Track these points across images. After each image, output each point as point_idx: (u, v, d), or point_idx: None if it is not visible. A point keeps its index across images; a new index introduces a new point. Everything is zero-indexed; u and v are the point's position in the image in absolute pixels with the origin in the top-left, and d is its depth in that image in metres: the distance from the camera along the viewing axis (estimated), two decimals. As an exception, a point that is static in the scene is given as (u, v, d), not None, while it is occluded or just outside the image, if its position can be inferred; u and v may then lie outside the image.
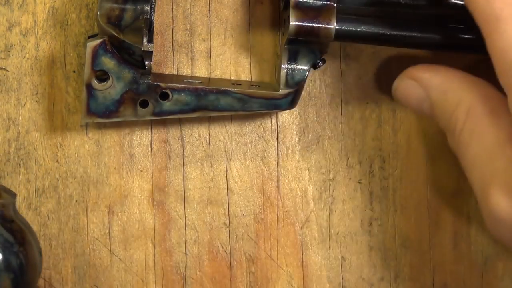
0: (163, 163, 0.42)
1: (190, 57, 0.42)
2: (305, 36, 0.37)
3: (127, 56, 0.37)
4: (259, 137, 0.42)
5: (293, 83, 0.39)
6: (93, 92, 0.37)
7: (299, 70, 0.39)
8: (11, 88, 0.41)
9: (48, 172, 0.41)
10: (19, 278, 0.36)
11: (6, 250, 0.36)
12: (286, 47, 0.38)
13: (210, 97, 0.38)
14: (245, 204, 0.42)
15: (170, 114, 0.38)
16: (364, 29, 0.37)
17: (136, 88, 0.37)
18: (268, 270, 0.42)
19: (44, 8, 0.41)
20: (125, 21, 0.36)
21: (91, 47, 0.37)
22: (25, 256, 0.37)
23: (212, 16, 0.42)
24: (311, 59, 0.39)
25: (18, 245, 0.36)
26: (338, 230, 0.42)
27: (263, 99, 0.39)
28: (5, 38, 0.41)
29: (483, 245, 0.43)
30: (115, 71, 0.37)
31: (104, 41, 0.37)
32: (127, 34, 0.36)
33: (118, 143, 0.41)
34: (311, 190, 0.42)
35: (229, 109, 0.39)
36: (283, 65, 0.39)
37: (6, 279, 0.36)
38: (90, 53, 0.37)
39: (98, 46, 0.37)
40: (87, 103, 0.37)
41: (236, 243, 0.42)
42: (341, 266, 0.42)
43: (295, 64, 0.39)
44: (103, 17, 0.36)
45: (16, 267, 0.36)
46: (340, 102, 0.42)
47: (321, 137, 0.42)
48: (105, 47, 0.37)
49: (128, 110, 0.38)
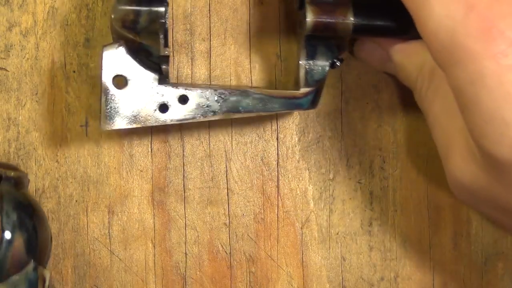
0: (163, 163, 0.42)
1: (190, 57, 0.42)
2: (323, 32, 0.36)
3: (145, 59, 0.37)
4: (259, 137, 0.42)
5: (313, 81, 0.38)
6: (111, 98, 0.37)
7: (318, 68, 0.38)
8: (11, 88, 0.41)
9: (48, 172, 0.41)
10: (32, 240, 0.37)
11: (21, 211, 0.36)
12: (303, 45, 0.38)
13: (231, 99, 0.38)
14: (245, 204, 0.42)
15: (191, 118, 0.38)
16: (382, 22, 0.37)
17: (154, 93, 0.37)
18: (268, 270, 0.42)
19: (44, 8, 0.41)
20: (141, 24, 0.36)
21: (108, 53, 0.36)
22: (38, 222, 0.37)
23: (212, 16, 0.42)
24: (330, 56, 0.38)
25: (32, 209, 0.37)
26: (338, 230, 0.42)
27: (283, 99, 0.38)
28: (5, 38, 0.41)
29: (483, 245, 0.43)
30: (133, 76, 0.37)
31: (121, 45, 0.36)
32: (143, 37, 0.36)
33: (118, 143, 0.41)
34: (311, 190, 0.42)
35: (251, 110, 0.38)
36: (301, 63, 0.38)
37: (19, 237, 0.36)
38: (107, 58, 0.36)
39: (114, 51, 0.36)
40: (106, 109, 0.37)
41: (236, 243, 0.42)
42: (341, 266, 0.42)
43: (314, 62, 0.38)
44: (118, 22, 0.36)
45: (30, 228, 0.37)
46: (340, 102, 0.42)
47: (321, 137, 0.42)
48: (122, 52, 0.37)
49: (148, 116, 0.37)
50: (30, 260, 0.37)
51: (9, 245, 0.36)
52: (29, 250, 0.36)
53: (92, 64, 0.41)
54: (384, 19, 0.37)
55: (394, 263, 0.42)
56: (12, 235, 0.36)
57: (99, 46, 0.41)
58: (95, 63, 0.41)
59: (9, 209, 0.36)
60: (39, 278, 0.37)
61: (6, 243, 0.36)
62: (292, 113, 0.42)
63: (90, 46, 0.41)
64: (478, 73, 0.29)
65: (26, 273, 0.37)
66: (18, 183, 0.38)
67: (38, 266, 0.37)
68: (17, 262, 0.36)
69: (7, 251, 0.36)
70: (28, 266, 0.37)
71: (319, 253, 0.42)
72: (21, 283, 0.37)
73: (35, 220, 0.37)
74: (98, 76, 0.41)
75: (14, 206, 0.36)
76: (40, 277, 0.37)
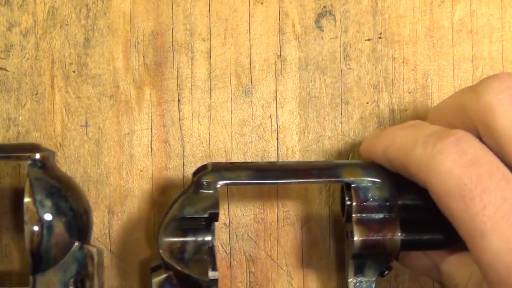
0: (163, 163, 0.42)
1: (190, 57, 0.42)
2: (371, 250, 0.36)
3: None
4: (259, 137, 0.42)
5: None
6: None
7: (366, 282, 0.38)
8: (11, 88, 0.41)
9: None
10: (71, 221, 0.36)
11: (54, 195, 0.36)
12: (351, 262, 0.38)
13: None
14: (245, 204, 0.42)
15: None
16: (430, 235, 0.37)
17: None
18: (268, 270, 0.42)
19: (44, 8, 0.41)
20: (188, 253, 0.36)
21: (156, 284, 0.37)
22: (73, 200, 0.37)
23: (212, 16, 0.42)
24: (377, 269, 0.38)
25: (65, 190, 0.37)
26: (338, 230, 0.42)
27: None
28: (5, 38, 0.41)
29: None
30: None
31: (170, 276, 0.37)
32: (192, 268, 0.36)
33: (118, 143, 0.41)
34: (311, 190, 0.42)
35: None
36: (349, 280, 0.38)
37: (59, 222, 0.36)
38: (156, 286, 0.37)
39: (164, 282, 0.37)
40: None
41: (236, 243, 0.42)
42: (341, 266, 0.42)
43: (362, 277, 0.38)
44: (166, 252, 0.36)
45: (67, 210, 0.36)
46: (340, 102, 0.42)
47: (321, 137, 0.42)
48: (171, 282, 0.37)
49: None
50: (74, 241, 0.37)
51: (51, 234, 0.36)
52: (70, 232, 0.36)
53: (92, 64, 0.41)
54: (432, 233, 0.37)
55: (394, 263, 0.42)
56: (51, 223, 0.36)
57: (99, 46, 0.41)
58: (95, 63, 0.41)
59: (42, 197, 0.36)
60: (87, 256, 0.37)
61: (47, 233, 0.36)
62: (292, 113, 0.42)
63: (90, 46, 0.41)
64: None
65: (73, 254, 0.37)
66: (46, 164, 0.37)
67: (83, 245, 0.37)
68: (62, 247, 0.36)
69: (50, 238, 0.36)
70: (74, 247, 0.37)
71: (319, 253, 0.42)
72: (70, 265, 0.37)
73: (71, 200, 0.37)
74: (96, 76, 0.41)
75: (47, 192, 0.36)
76: (87, 254, 0.37)
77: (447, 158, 0.32)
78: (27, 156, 0.37)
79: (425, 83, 0.42)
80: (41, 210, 0.36)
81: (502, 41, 0.42)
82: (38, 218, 0.35)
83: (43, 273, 0.36)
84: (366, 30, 0.42)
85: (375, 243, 0.36)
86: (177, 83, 0.42)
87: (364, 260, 0.38)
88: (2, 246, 0.41)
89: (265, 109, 0.42)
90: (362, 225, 0.36)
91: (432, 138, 0.33)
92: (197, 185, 0.36)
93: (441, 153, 0.32)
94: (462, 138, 0.32)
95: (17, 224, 0.41)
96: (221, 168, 0.37)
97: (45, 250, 0.36)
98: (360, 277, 0.38)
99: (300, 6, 0.42)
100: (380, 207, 0.37)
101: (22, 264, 0.41)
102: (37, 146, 0.38)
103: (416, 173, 0.33)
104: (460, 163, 0.32)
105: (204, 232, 0.36)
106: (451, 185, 0.32)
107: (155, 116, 0.42)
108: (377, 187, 0.37)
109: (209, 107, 0.42)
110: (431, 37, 0.42)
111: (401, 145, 0.35)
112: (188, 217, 0.36)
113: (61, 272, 0.37)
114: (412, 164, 0.33)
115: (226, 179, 0.36)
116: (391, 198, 0.37)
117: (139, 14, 0.42)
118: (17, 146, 0.38)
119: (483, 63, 0.42)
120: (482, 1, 0.42)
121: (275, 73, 0.42)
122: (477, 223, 0.31)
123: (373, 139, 0.37)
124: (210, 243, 0.36)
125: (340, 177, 0.37)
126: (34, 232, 0.35)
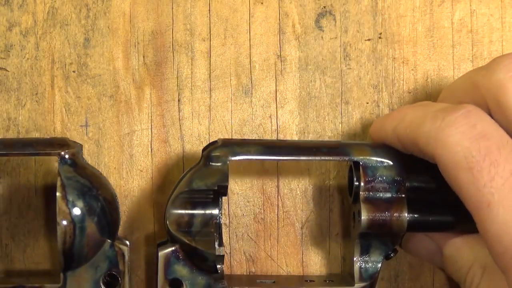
0: (163, 163, 0.42)
1: (190, 57, 0.42)
2: (378, 229, 0.37)
3: (199, 262, 0.37)
4: (259, 137, 0.42)
5: (367, 276, 0.38)
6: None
7: (372, 263, 0.38)
8: (11, 88, 0.41)
9: (48, 172, 0.41)
10: (102, 220, 0.36)
11: (85, 195, 0.36)
12: (357, 241, 0.38)
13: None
14: (245, 204, 0.42)
15: None
16: (435, 217, 0.37)
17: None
18: (268, 270, 0.42)
19: (44, 8, 0.41)
20: (195, 227, 0.36)
21: (163, 256, 0.37)
22: (104, 198, 0.37)
23: (212, 16, 0.42)
24: (384, 250, 0.38)
25: (96, 189, 0.36)
26: (338, 230, 0.42)
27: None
28: (5, 38, 0.41)
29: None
30: (188, 278, 0.37)
31: (176, 249, 0.37)
32: (198, 241, 0.36)
33: (118, 143, 0.41)
34: (311, 190, 0.42)
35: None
36: (355, 259, 0.38)
37: (91, 222, 0.36)
38: (163, 261, 0.37)
39: (170, 255, 0.37)
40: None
41: (236, 243, 0.42)
42: (341, 266, 0.42)
43: (367, 257, 0.38)
44: (173, 225, 0.36)
45: (98, 209, 0.36)
46: (340, 102, 0.42)
47: (321, 137, 0.42)
48: (177, 255, 0.37)
49: None
50: (105, 239, 0.37)
51: (83, 234, 0.36)
52: (102, 231, 0.36)
53: (92, 64, 0.41)
54: (439, 215, 0.37)
55: (394, 263, 0.42)
56: (82, 224, 0.35)
57: (99, 46, 0.41)
58: (95, 63, 0.41)
59: (74, 198, 0.36)
60: (118, 254, 0.37)
61: (80, 233, 0.35)
62: (292, 113, 0.42)
63: (90, 46, 0.41)
64: None
65: (104, 252, 0.37)
66: (75, 161, 0.37)
67: (114, 243, 0.37)
68: (94, 245, 0.36)
69: (82, 238, 0.36)
70: (105, 245, 0.37)
71: (319, 253, 0.42)
72: (101, 262, 0.37)
73: (102, 198, 0.36)
74: (96, 76, 0.41)
75: (79, 193, 0.36)
76: (118, 252, 0.37)
77: (456, 130, 0.32)
78: (57, 153, 0.36)
79: (425, 83, 0.42)
80: (73, 211, 0.35)
81: (502, 41, 0.42)
82: (71, 219, 0.35)
83: (74, 271, 0.37)
84: (366, 30, 0.42)
85: (382, 222, 0.36)
86: (177, 83, 0.42)
87: (370, 241, 0.38)
88: (2, 246, 0.41)
89: (265, 109, 0.42)
90: (370, 203, 0.37)
91: (442, 112, 0.33)
92: (207, 158, 0.36)
93: (450, 126, 0.32)
94: (472, 111, 0.33)
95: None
96: (231, 143, 0.37)
97: (77, 250, 0.36)
98: (366, 257, 0.38)
99: (300, 6, 0.42)
100: (388, 186, 0.37)
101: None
102: (66, 141, 0.37)
103: (424, 146, 0.33)
104: (469, 135, 0.32)
105: (212, 206, 0.36)
106: (460, 156, 0.32)
107: (155, 116, 0.42)
108: (385, 166, 0.37)
109: (209, 107, 0.42)
110: (431, 37, 0.42)
111: (411, 121, 0.35)
112: (197, 189, 0.36)
113: (92, 270, 0.37)
114: (421, 138, 0.34)
115: (236, 154, 0.36)
116: (399, 178, 0.37)
117: (139, 14, 0.42)
118: (44, 142, 0.37)
119: (483, 63, 0.42)
120: (482, 1, 0.42)
121: (275, 73, 0.42)
122: (484, 194, 0.31)
123: (383, 120, 0.38)
124: (217, 217, 0.37)
125: (349, 155, 0.37)
126: (67, 233, 0.35)
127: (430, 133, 0.33)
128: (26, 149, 0.36)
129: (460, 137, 0.32)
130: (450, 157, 0.32)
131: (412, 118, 0.35)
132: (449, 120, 0.33)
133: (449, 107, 0.34)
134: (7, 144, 0.37)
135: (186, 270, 0.37)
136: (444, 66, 0.42)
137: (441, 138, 0.32)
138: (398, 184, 0.37)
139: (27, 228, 0.41)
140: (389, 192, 0.37)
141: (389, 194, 0.37)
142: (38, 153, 0.36)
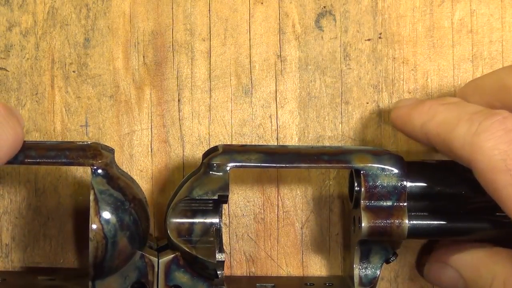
0: (163, 163, 0.42)
1: (190, 57, 0.42)
2: (378, 237, 0.37)
3: (200, 269, 0.37)
4: (259, 137, 0.42)
5: (367, 281, 0.38)
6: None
7: (372, 268, 0.38)
8: (11, 88, 0.41)
9: (48, 172, 0.41)
10: (134, 233, 0.36)
11: (118, 210, 0.35)
12: (358, 247, 0.38)
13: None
14: (245, 204, 0.42)
15: None
16: (435, 225, 0.37)
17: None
18: (268, 270, 0.42)
19: (44, 8, 0.41)
20: (196, 235, 0.37)
21: (164, 263, 0.37)
22: (136, 211, 0.36)
23: (212, 16, 0.42)
24: (384, 255, 0.38)
25: (129, 202, 0.36)
26: (338, 230, 0.42)
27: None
28: (5, 38, 0.41)
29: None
30: (189, 285, 0.37)
31: (177, 256, 0.37)
32: (199, 249, 0.36)
33: (118, 143, 0.41)
34: (311, 190, 0.42)
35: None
36: (355, 265, 0.38)
37: (123, 237, 0.35)
38: (163, 269, 0.37)
39: (170, 262, 0.37)
40: None
41: (236, 243, 0.42)
42: (341, 266, 0.42)
43: (368, 263, 0.38)
44: (173, 232, 0.37)
45: (131, 223, 0.36)
46: (340, 102, 0.42)
47: (321, 137, 0.42)
48: (178, 262, 0.37)
49: None
50: (135, 251, 0.37)
51: (115, 248, 0.35)
52: (133, 244, 0.36)
53: (92, 64, 0.41)
54: (439, 222, 0.37)
55: (394, 263, 0.42)
56: (115, 239, 0.35)
57: (99, 46, 0.41)
58: (95, 63, 0.41)
59: (107, 213, 0.35)
60: (147, 266, 0.37)
61: (112, 248, 0.35)
62: (292, 113, 0.42)
63: (90, 46, 0.41)
64: None
65: (134, 263, 0.37)
66: (109, 172, 0.36)
67: (144, 255, 0.37)
68: (124, 257, 0.36)
69: (114, 252, 0.35)
70: (135, 256, 0.37)
71: (319, 253, 0.42)
72: (131, 272, 0.37)
73: (134, 211, 0.36)
74: (96, 76, 0.41)
75: (112, 208, 0.35)
76: (148, 264, 0.37)
77: (492, 135, 0.33)
78: (90, 164, 0.35)
79: (425, 83, 0.42)
80: (105, 227, 0.35)
81: (502, 41, 0.42)
82: (103, 235, 0.35)
83: (103, 280, 0.36)
84: (366, 30, 0.42)
85: (383, 230, 0.36)
86: (177, 83, 0.42)
87: (371, 246, 0.38)
88: (2, 246, 0.41)
89: (265, 109, 0.42)
90: (370, 211, 0.37)
91: (477, 117, 0.34)
92: (207, 166, 0.36)
93: (487, 131, 0.33)
94: (508, 118, 0.33)
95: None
96: (231, 150, 0.37)
97: (108, 263, 0.36)
98: (365, 263, 0.38)
99: (300, 6, 0.42)
100: (389, 194, 0.37)
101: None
102: (98, 149, 0.36)
103: (459, 150, 0.34)
104: (506, 140, 0.32)
105: (212, 214, 0.37)
106: (497, 159, 0.32)
107: (155, 116, 0.42)
108: (387, 174, 0.37)
109: (209, 107, 0.42)
110: (431, 37, 0.42)
111: (443, 122, 0.35)
112: (197, 198, 0.36)
113: (121, 279, 0.37)
114: (455, 141, 0.34)
115: (236, 161, 0.36)
116: (400, 185, 0.37)
117: (139, 14, 0.42)
118: (76, 149, 0.36)
119: (483, 63, 0.42)
120: (482, 1, 0.42)
121: (275, 73, 0.42)
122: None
123: (410, 109, 0.38)
124: (217, 225, 0.37)
125: (350, 163, 0.37)
126: (98, 248, 0.35)
127: (465, 138, 0.33)
128: (58, 158, 0.35)
129: (497, 142, 0.33)
130: (487, 161, 0.33)
131: (444, 118, 0.35)
132: (485, 125, 0.33)
133: (485, 112, 0.34)
134: (37, 150, 0.35)
135: (186, 277, 0.37)
136: (444, 66, 0.42)
137: (477, 143, 0.33)
138: (399, 191, 0.37)
139: (27, 228, 0.41)
140: (390, 200, 0.37)
141: (390, 202, 0.37)
142: (71, 162, 0.36)
